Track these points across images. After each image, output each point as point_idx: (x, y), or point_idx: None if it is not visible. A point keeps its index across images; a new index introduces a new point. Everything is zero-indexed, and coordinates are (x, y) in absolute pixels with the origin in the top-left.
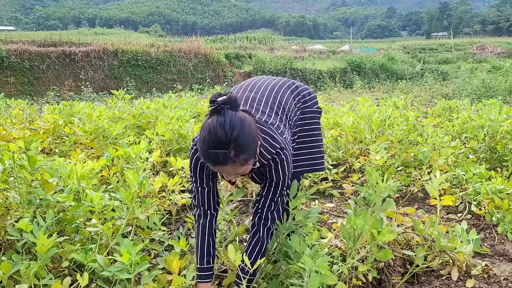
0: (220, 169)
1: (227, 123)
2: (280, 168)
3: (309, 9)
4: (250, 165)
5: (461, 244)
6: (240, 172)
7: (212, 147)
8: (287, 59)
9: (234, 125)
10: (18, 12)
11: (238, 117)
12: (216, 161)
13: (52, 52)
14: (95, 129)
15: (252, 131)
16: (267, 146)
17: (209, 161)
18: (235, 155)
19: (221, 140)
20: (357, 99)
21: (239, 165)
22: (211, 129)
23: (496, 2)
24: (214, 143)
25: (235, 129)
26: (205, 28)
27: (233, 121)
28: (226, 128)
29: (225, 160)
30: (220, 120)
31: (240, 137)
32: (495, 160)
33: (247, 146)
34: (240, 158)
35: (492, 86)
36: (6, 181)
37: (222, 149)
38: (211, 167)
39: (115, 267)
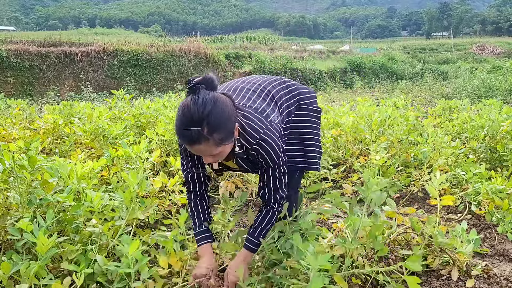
0: (196, 149)
1: (199, 100)
2: (271, 151)
3: (309, 9)
4: (227, 147)
5: (461, 244)
6: (217, 153)
7: (185, 124)
8: (287, 59)
9: (207, 102)
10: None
11: (211, 95)
12: (191, 140)
13: (52, 52)
14: (95, 129)
15: (228, 110)
16: (250, 130)
17: (184, 140)
18: (208, 132)
19: (193, 117)
20: (357, 99)
21: (213, 145)
22: (185, 107)
23: (496, 2)
24: (187, 120)
25: (207, 106)
26: (205, 28)
27: (206, 99)
28: (198, 105)
29: (198, 138)
30: (194, 98)
31: (213, 114)
32: (495, 160)
33: (221, 124)
34: (214, 137)
35: (492, 86)
36: (6, 181)
37: (195, 126)
38: (188, 147)
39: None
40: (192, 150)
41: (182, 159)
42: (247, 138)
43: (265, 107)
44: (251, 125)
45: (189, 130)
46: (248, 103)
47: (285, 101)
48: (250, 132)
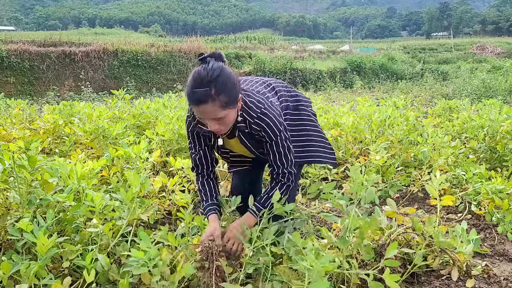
0: (202, 109)
1: (209, 67)
2: (271, 124)
3: (309, 9)
4: (231, 113)
5: (461, 244)
6: (221, 118)
7: (195, 86)
8: (287, 59)
9: (215, 68)
10: (18, 12)
11: (220, 64)
12: (199, 100)
13: (52, 52)
14: (95, 129)
15: (233, 79)
16: (252, 105)
17: (193, 100)
18: (215, 93)
19: (202, 79)
20: (357, 99)
21: (219, 106)
22: (195, 72)
23: (496, 2)
24: (196, 82)
25: (216, 71)
26: (205, 28)
27: (215, 66)
28: (208, 70)
29: (206, 98)
30: (204, 66)
31: (220, 78)
32: (495, 160)
33: (226, 88)
34: (220, 98)
35: (492, 86)
36: (6, 181)
37: (203, 87)
38: (195, 109)
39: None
40: (199, 111)
41: (190, 143)
42: (249, 112)
43: (266, 92)
44: (253, 101)
45: (198, 91)
46: (251, 88)
47: (284, 95)
48: (252, 106)
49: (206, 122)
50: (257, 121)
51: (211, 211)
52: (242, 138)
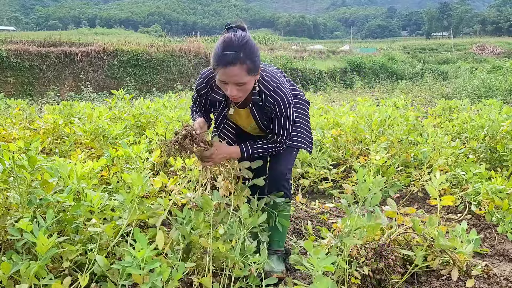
0: (230, 70)
1: (238, 34)
2: (285, 99)
3: (309, 9)
4: (251, 81)
5: (461, 244)
6: (242, 84)
7: (226, 48)
8: (287, 59)
9: (244, 36)
10: (18, 12)
11: (247, 34)
12: (228, 60)
13: (52, 52)
14: (95, 129)
15: (257, 48)
16: (268, 79)
17: (222, 61)
18: (243, 57)
19: (233, 44)
20: (357, 99)
21: (245, 70)
22: (226, 37)
23: (496, 2)
24: (228, 45)
25: (245, 38)
26: (205, 28)
27: (244, 34)
28: (238, 36)
29: (235, 60)
30: (234, 33)
31: (249, 45)
32: (495, 160)
33: (254, 54)
34: (248, 63)
35: (492, 86)
36: (6, 181)
37: (234, 50)
38: (222, 71)
39: (125, 262)
40: (225, 73)
41: (192, 106)
42: (266, 85)
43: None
44: (269, 76)
45: (229, 53)
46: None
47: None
48: (268, 81)
49: (226, 88)
50: (273, 95)
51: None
52: (253, 109)
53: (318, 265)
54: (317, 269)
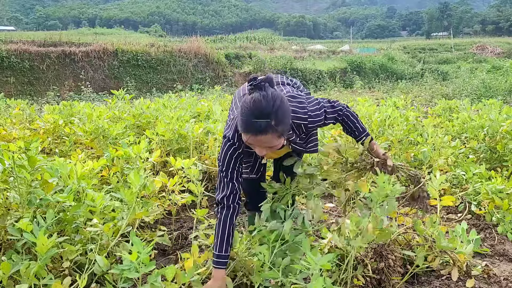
0: (260, 139)
1: (269, 96)
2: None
3: (309, 9)
4: (283, 140)
5: (461, 244)
6: (276, 145)
7: (256, 116)
8: (287, 59)
9: (276, 98)
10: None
11: (277, 92)
12: (259, 130)
13: (52, 52)
14: (95, 129)
15: (288, 107)
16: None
17: (252, 130)
18: (276, 124)
19: (264, 110)
20: (357, 99)
21: (276, 136)
22: (256, 100)
23: (496, 2)
24: (259, 112)
25: (277, 101)
26: (205, 28)
27: (274, 95)
28: (268, 99)
29: (266, 129)
30: (263, 94)
31: (281, 108)
32: (495, 160)
33: (286, 117)
34: (279, 128)
35: (492, 86)
36: (6, 181)
37: (265, 118)
38: (252, 138)
39: (123, 265)
40: (256, 141)
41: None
42: (298, 116)
43: (292, 89)
44: (296, 105)
45: (259, 122)
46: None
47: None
48: (298, 111)
49: (254, 147)
50: (311, 120)
51: (222, 265)
52: (294, 146)
53: (315, 264)
54: (314, 268)
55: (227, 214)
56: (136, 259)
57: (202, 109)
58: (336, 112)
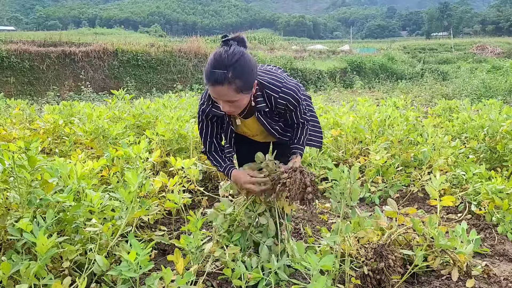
0: (218, 89)
1: (231, 50)
2: (295, 94)
3: (309, 9)
4: (244, 98)
5: (461, 244)
6: (235, 101)
7: (214, 66)
8: (287, 59)
9: (236, 52)
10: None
11: (241, 49)
12: (215, 81)
13: (52, 52)
14: (95, 129)
15: (252, 65)
16: (273, 81)
17: (210, 80)
18: (232, 76)
19: (222, 61)
20: (357, 99)
21: (233, 90)
22: (217, 53)
23: (496, 2)
24: (216, 62)
25: (236, 55)
26: (205, 28)
27: (236, 50)
28: (228, 53)
29: (222, 80)
30: (226, 48)
31: (239, 63)
32: (495, 160)
33: (244, 73)
34: (237, 82)
35: (492, 86)
36: (6, 181)
37: (222, 69)
38: (211, 89)
39: (121, 266)
40: (214, 92)
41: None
42: (272, 87)
43: (278, 70)
44: (273, 78)
45: (217, 72)
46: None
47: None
48: (273, 83)
49: (219, 102)
50: (282, 95)
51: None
52: (260, 117)
53: (315, 264)
54: (314, 268)
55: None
56: (135, 260)
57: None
58: (303, 120)
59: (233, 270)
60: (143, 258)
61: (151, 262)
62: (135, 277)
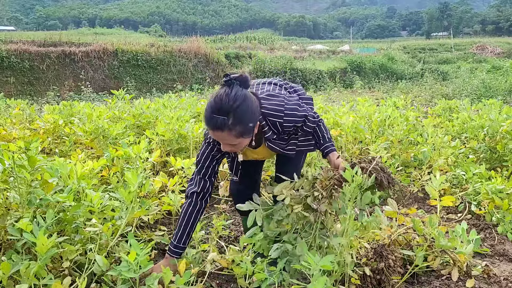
0: (217, 135)
1: (232, 94)
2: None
3: (309, 9)
4: (245, 141)
5: (461, 244)
6: (235, 144)
7: (214, 111)
8: (287, 59)
9: (238, 97)
10: (18, 12)
11: (243, 92)
12: (215, 126)
13: (52, 52)
14: (95, 129)
15: (254, 109)
16: (274, 107)
17: (209, 125)
18: (232, 123)
19: (223, 106)
20: (357, 99)
21: (234, 136)
22: (218, 96)
23: (496, 2)
24: (217, 107)
25: (238, 100)
26: (205, 28)
27: (238, 94)
28: (229, 97)
29: (222, 126)
30: (227, 91)
31: (241, 108)
32: (495, 160)
33: (246, 119)
34: (236, 129)
35: (492, 86)
36: (6, 181)
37: (222, 115)
38: (211, 133)
39: (121, 266)
40: (214, 135)
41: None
42: (274, 114)
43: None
44: (273, 103)
45: (216, 117)
46: (261, 91)
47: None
48: (275, 108)
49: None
50: (286, 119)
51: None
52: (271, 145)
53: (315, 264)
54: (315, 268)
55: (193, 210)
56: (134, 260)
57: (202, 109)
58: (315, 123)
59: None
60: (143, 258)
61: (151, 262)
62: (135, 277)
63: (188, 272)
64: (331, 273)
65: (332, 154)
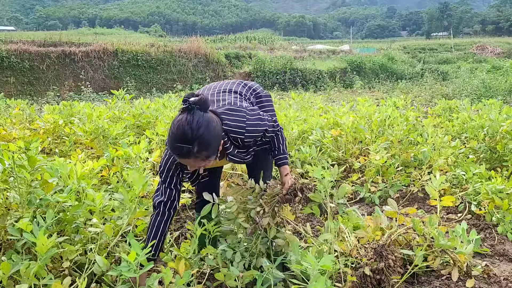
0: (184, 161)
1: (194, 122)
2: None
3: (309, 9)
4: (211, 161)
5: (461, 244)
6: (202, 165)
7: (178, 141)
8: (287, 59)
9: (200, 125)
10: (18, 12)
11: (205, 118)
12: (180, 154)
13: (52, 52)
14: (95, 129)
15: (217, 132)
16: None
17: (174, 152)
18: (198, 151)
19: (186, 136)
20: (357, 99)
21: (200, 160)
22: (180, 125)
23: (496, 2)
24: (181, 138)
25: (201, 128)
26: (205, 28)
27: (200, 121)
28: (192, 126)
29: (188, 154)
30: (189, 119)
31: (204, 136)
32: (495, 160)
33: (210, 144)
34: (202, 154)
35: (492, 86)
36: (6, 181)
37: (187, 144)
38: (177, 158)
39: (121, 266)
40: (180, 161)
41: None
42: (236, 131)
43: (234, 100)
44: (234, 119)
45: (181, 147)
46: (222, 102)
47: (245, 93)
48: (236, 124)
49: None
50: (248, 135)
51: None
52: (232, 157)
53: (314, 264)
54: (314, 268)
55: (161, 220)
56: (134, 260)
57: None
58: (274, 132)
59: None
60: (143, 258)
61: (151, 262)
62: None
63: (188, 272)
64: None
65: (284, 168)
